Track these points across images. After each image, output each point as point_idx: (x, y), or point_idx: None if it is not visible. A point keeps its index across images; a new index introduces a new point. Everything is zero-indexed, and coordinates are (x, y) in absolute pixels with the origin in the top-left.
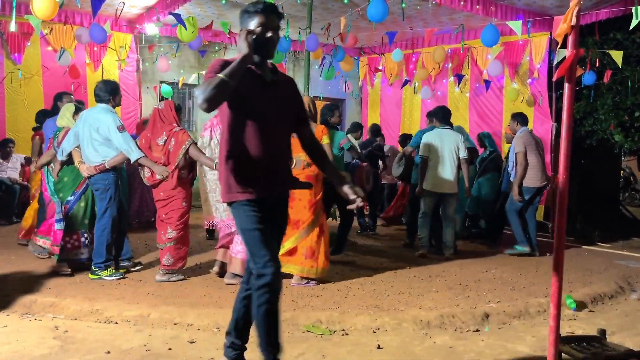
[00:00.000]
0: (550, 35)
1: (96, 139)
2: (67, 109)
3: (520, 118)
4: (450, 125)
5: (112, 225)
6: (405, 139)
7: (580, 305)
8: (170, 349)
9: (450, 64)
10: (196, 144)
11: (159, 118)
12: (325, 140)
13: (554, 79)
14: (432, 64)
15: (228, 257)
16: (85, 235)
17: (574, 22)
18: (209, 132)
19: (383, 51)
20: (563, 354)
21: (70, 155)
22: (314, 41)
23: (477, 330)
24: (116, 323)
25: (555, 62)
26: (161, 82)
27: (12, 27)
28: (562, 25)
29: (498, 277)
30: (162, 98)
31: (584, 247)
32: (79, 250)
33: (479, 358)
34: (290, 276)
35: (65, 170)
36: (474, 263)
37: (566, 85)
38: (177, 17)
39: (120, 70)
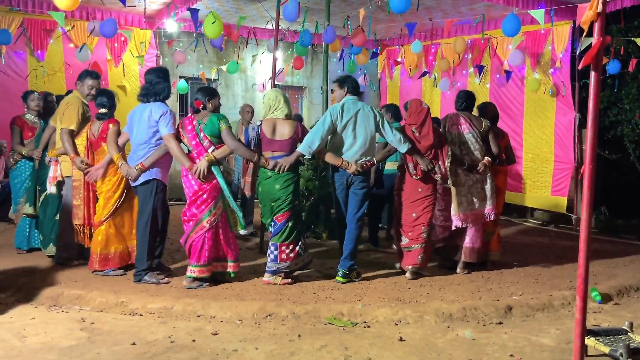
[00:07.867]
0: (573, 23)
1: (371, 133)
2: (280, 94)
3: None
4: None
5: None
6: None
7: (606, 298)
8: (194, 340)
9: (470, 55)
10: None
11: (428, 115)
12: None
13: (580, 67)
14: (452, 55)
15: (466, 250)
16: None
17: (600, 9)
18: (456, 128)
19: (402, 43)
20: (589, 347)
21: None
22: (332, 34)
23: (500, 323)
24: (141, 315)
25: (579, 51)
26: (181, 77)
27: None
28: (588, 12)
29: (520, 270)
30: (179, 94)
31: (608, 239)
32: (295, 260)
33: (502, 351)
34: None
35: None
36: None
37: (592, 73)
38: (194, 13)
39: (140, 66)
